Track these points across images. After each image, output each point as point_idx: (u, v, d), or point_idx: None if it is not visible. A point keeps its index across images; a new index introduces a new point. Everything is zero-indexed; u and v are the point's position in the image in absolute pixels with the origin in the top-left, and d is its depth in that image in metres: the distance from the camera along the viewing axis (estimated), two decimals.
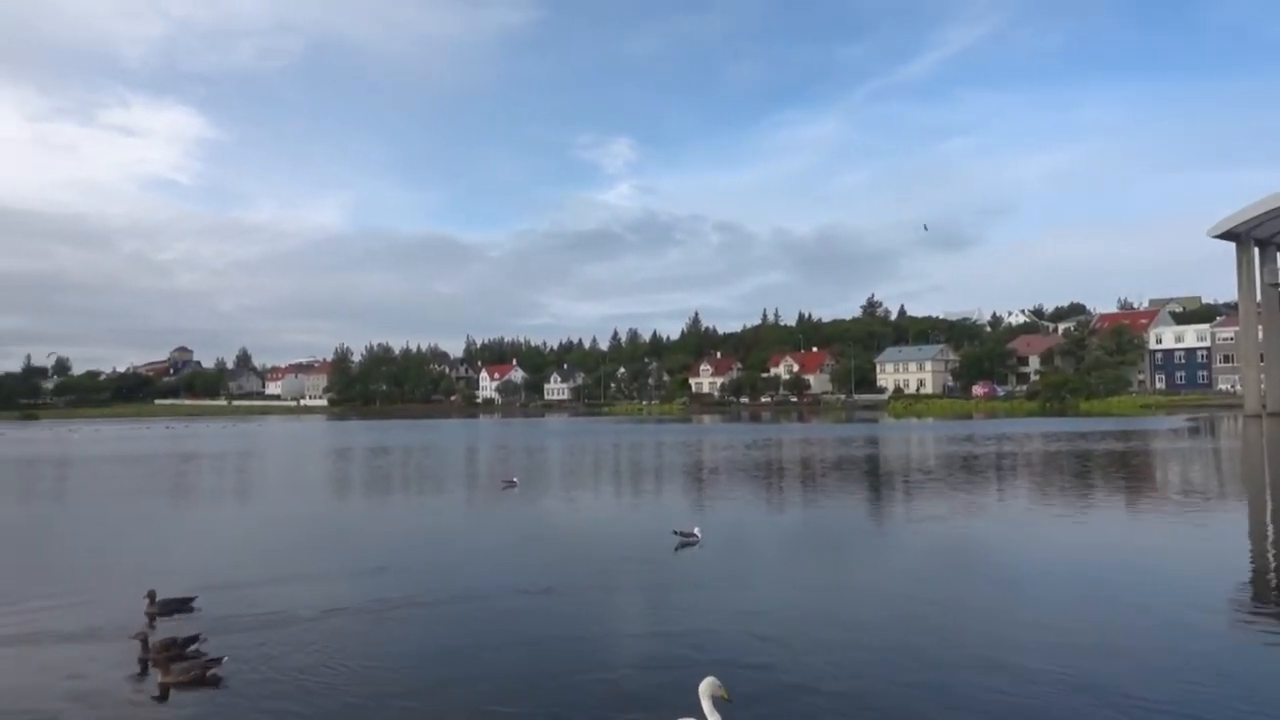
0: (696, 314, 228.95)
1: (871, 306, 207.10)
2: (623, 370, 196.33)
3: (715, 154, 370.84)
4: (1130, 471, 36.01)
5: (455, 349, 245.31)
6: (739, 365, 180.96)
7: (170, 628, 12.11)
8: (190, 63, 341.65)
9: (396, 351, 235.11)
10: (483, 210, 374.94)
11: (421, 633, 13.21)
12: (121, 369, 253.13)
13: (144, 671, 10.94)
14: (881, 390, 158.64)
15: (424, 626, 13.55)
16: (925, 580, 16.21)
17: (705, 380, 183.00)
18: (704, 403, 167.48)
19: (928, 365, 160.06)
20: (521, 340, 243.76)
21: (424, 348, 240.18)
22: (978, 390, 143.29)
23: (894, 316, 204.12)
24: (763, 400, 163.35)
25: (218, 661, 10.73)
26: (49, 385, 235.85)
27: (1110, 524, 22.84)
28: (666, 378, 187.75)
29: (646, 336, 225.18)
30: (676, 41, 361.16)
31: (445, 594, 15.56)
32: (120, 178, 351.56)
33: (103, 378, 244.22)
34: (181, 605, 14.09)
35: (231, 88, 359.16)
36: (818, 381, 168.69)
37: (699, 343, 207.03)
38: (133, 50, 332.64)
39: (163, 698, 10.13)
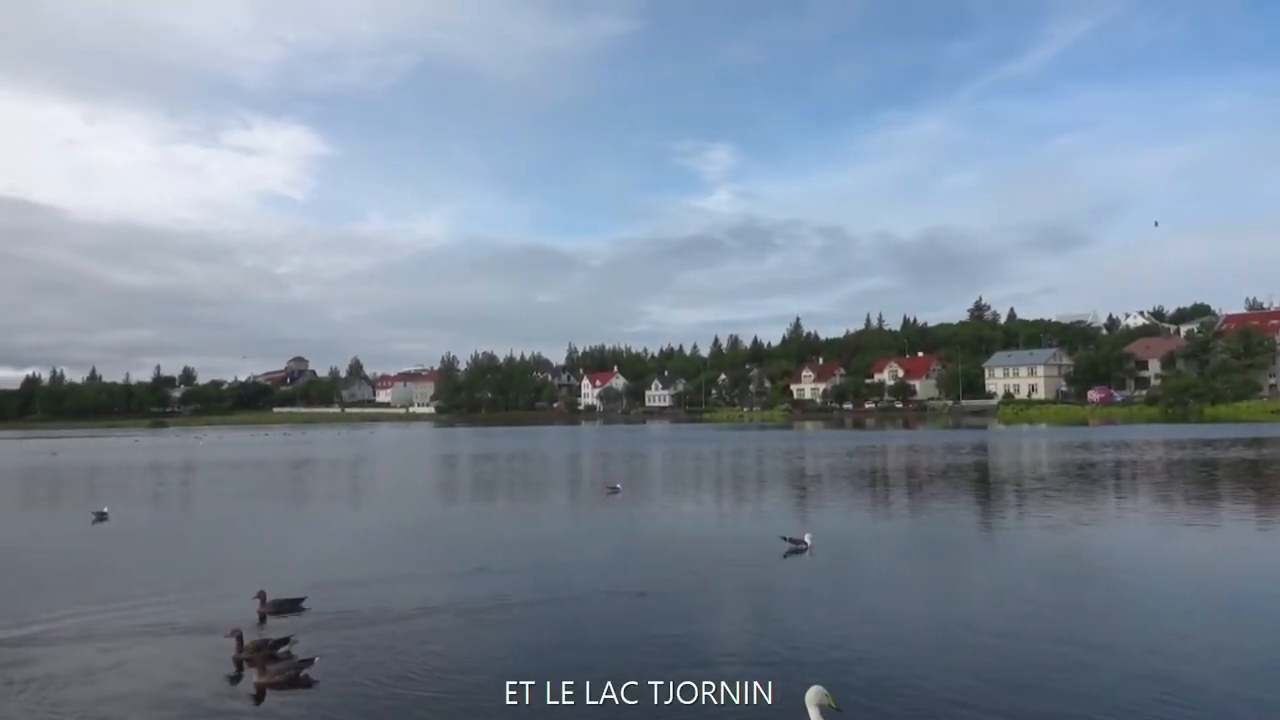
0: (798, 320, 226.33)
1: (979, 310, 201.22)
2: (723, 377, 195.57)
3: (816, 158, 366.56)
4: (1263, 480, 34.09)
5: (557, 357, 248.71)
6: (842, 371, 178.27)
7: (267, 628, 12.58)
8: (305, 83, 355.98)
9: (500, 360, 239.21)
10: (583, 219, 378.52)
11: (515, 633, 13.47)
12: (243, 378, 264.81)
13: (239, 670, 11.40)
14: (990, 396, 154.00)
15: (519, 627, 13.82)
16: (1040, 590, 15.68)
17: (807, 386, 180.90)
18: (806, 409, 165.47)
19: (1039, 370, 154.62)
20: (622, 347, 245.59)
21: (527, 356, 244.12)
22: (1093, 396, 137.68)
23: (1003, 320, 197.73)
24: (866, 406, 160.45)
25: (310, 663, 11.08)
26: (176, 394, 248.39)
27: (1241, 534, 21.70)
28: (768, 384, 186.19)
29: (747, 343, 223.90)
30: (776, 45, 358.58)
31: (543, 595, 15.82)
32: (241, 195, 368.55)
33: (225, 387, 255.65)
34: (292, 605, 14.64)
35: (344, 106, 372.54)
36: (923, 387, 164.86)
37: (800, 348, 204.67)
38: (252, 74, 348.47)
39: (259, 697, 10.54)
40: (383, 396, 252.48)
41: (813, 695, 8.29)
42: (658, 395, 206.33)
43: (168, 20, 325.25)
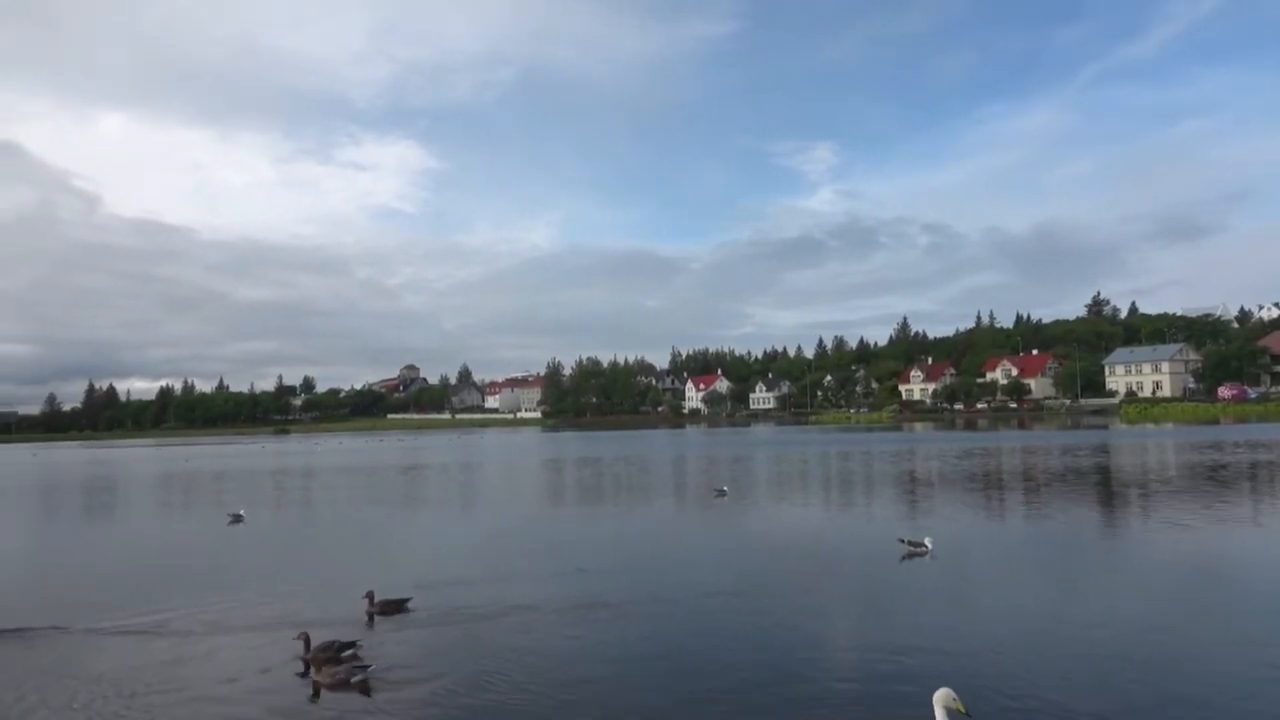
0: (905, 319, 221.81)
1: (1097, 305, 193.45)
2: (829, 378, 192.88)
3: (921, 154, 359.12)
4: None
5: (661, 360, 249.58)
6: (951, 371, 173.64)
7: (331, 633, 12.97)
8: (414, 99, 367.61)
9: (605, 364, 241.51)
10: (685, 223, 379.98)
11: (608, 632, 13.64)
12: (358, 386, 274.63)
13: (306, 670, 11.86)
14: (1111, 394, 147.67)
15: (612, 626, 13.99)
16: (1168, 596, 15.00)
17: (916, 387, 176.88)
18: (915, 410, 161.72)
19: (1164, 366, 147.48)
20: (726, 350, 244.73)
21: (631, 360, 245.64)
22: (1224, 393, 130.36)
23: (1123, 315, 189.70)
24: (978, 407, 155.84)
25: (365, 669, 11.48)
26: (297, 402, 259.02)
27: None
28: (875, 385, 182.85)
29: (853, 343, 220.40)
30: (877, 42, 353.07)
31: (643, 596, 15.96)
32: (354, 210, 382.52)
33: (342, 394, 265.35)
34: (398, 606, 15.06)
35: (450, 120, 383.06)
36: (1039, 386, 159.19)
37: (908, 348, 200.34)
38: (364, 92, 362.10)
39: (315, 696, 11.03)
40: (491, 402, 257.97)
41: (941, 697, 8.13)
42: (762, 398, 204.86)
43: (287, 45, 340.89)
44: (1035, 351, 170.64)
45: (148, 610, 15.86)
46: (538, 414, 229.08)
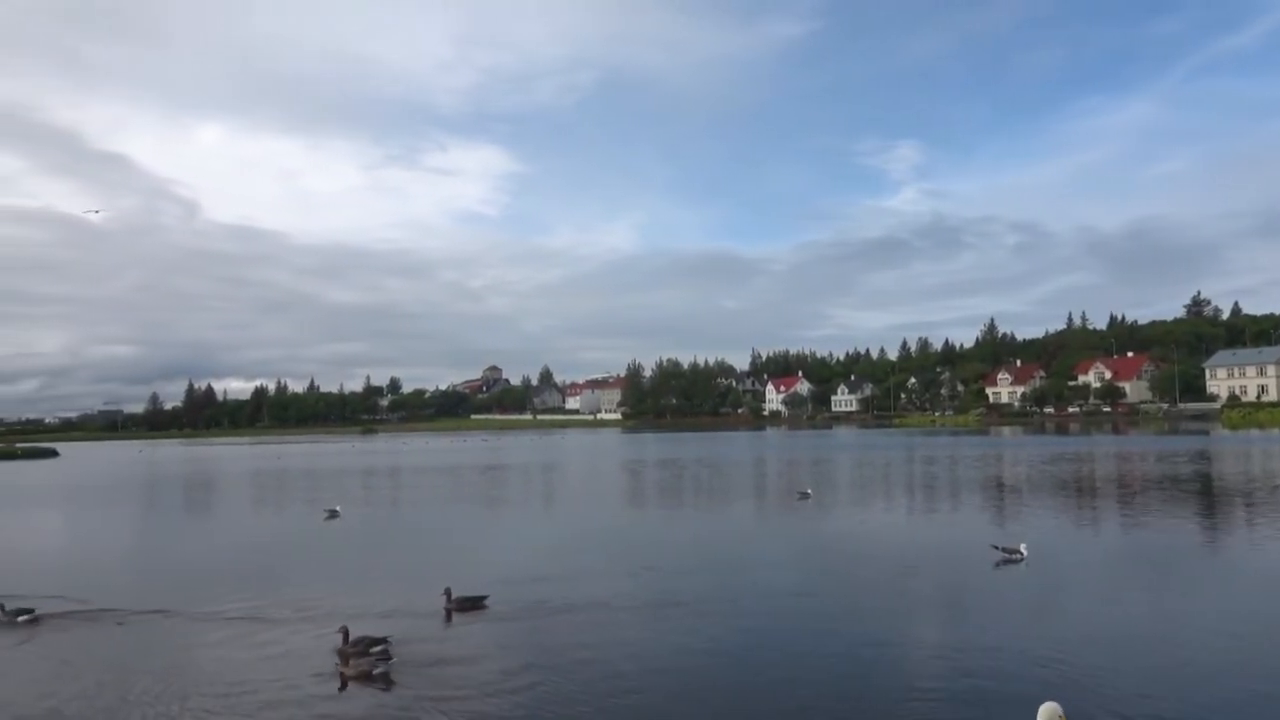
0: (992, 320, 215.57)
1: (1197, 305, 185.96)
2: (913, 380, 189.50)
3: (1009, 151, 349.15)
4: None
5: (741, 362, 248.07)
6: (1041, 373, 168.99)
7: (367, 628, 13.36)
8: (497, 105, 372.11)
9: (685, 366, 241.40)
10: (765, 224, 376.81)
11: (682, 631, 13.80)
12: (443, 387, 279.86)
13: (341, 661, 12.35)
14: (1212, 398, 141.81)
15: (686, 625, 14.14)
16: (1277, 610, 14.50)
17: (1004, 390, 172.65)
18: (1002, 413, 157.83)
19: (1270, 369, 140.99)
20: (807, 352, 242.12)
21: (711, 362, 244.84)
22: None
23: (1225, 316, 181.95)
24: (1069, 410, 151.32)
25: (386, 661, 12.02)
26: (384, 403, 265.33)
27: None
28: (961, 388, 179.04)
29: (938, 345, 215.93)
30: (963, 37, 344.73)
31: (721, 595, 16.06)
32: (439, 214, 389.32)
33: (427, 395, 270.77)
34: (475, 602, 15.48)
35: (532, 124, 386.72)
36: (1134, 389, 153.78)
37: (995, 350, 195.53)
38: (449, 99, 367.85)
39: (342, 687, 11.52)
40: (572, 403, 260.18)
41: (1046, 712, 7.89)
42: (844, 400, 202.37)
43: (376, 54, 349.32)
44: (1130, 354, 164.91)
45: (245, 598, 16.80)
46: (617, 415, 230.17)
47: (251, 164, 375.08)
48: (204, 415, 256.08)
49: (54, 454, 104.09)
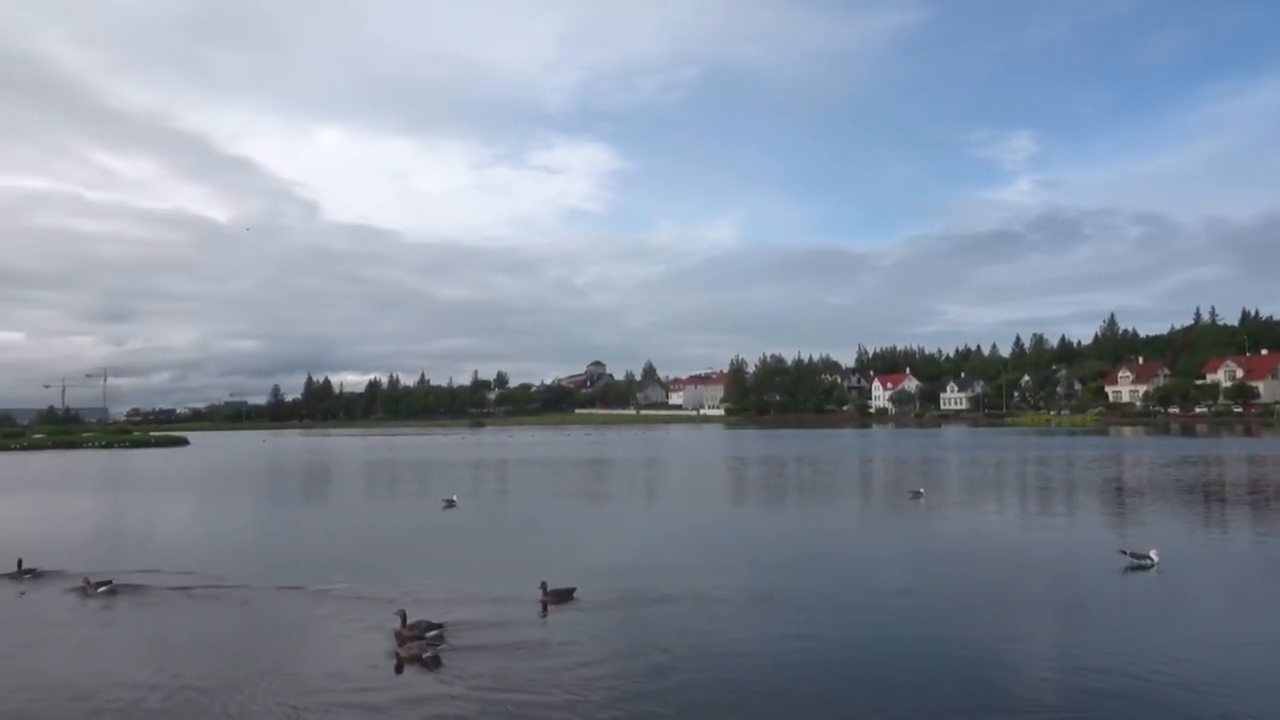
0: (1112, 315, 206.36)
1: None
2: (1027, 378, 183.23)
3: (1129, 140, 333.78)
4: None
5: (846, 359, 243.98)
6: (1165, 371, 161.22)
7: (423, 613, 13.88)
8: (601, 103, 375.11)
9: (789, 362, 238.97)
10: (872, 218, 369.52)
11: (768, 625, 13.87)
12: (548, 381, 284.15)
13: (400, 643, 12.88)
14: None
15: (775, 619, 14.22)
16: None
17: (1124, 388, 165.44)
18: (1123, 413, 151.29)
19: None
20: (915, 348, 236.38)
21: (815, 358, 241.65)
22: None
23: None
24: (1196, 411, 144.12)
25: (435, 645, 12.56)
26: (492, 396, 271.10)
27: None
28: (1078, 386, 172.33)
29: (1053, 341, 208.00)
30: (1081, 21, 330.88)
31: (829, 592, 15.98)
32: (545, 211, 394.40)
33: (533, 389, 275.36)
34: (566, 595, 15.80)
35: (636, 121, 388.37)
36: (1268, 389, 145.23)
37: (1115, 347, 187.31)
38: (555, 98, 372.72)
39: (398, 668, 12.05)
40: (674, 399, 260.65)
41: None
42: (953, 398, 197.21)
43: (484, 56, 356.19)
44: (1265, 351, 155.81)
45: (360, 579, 17.74)
46: (720, 411, 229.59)
47: (367, 165, 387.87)
48: (321, 407, 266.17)
49: (185, 442, 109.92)
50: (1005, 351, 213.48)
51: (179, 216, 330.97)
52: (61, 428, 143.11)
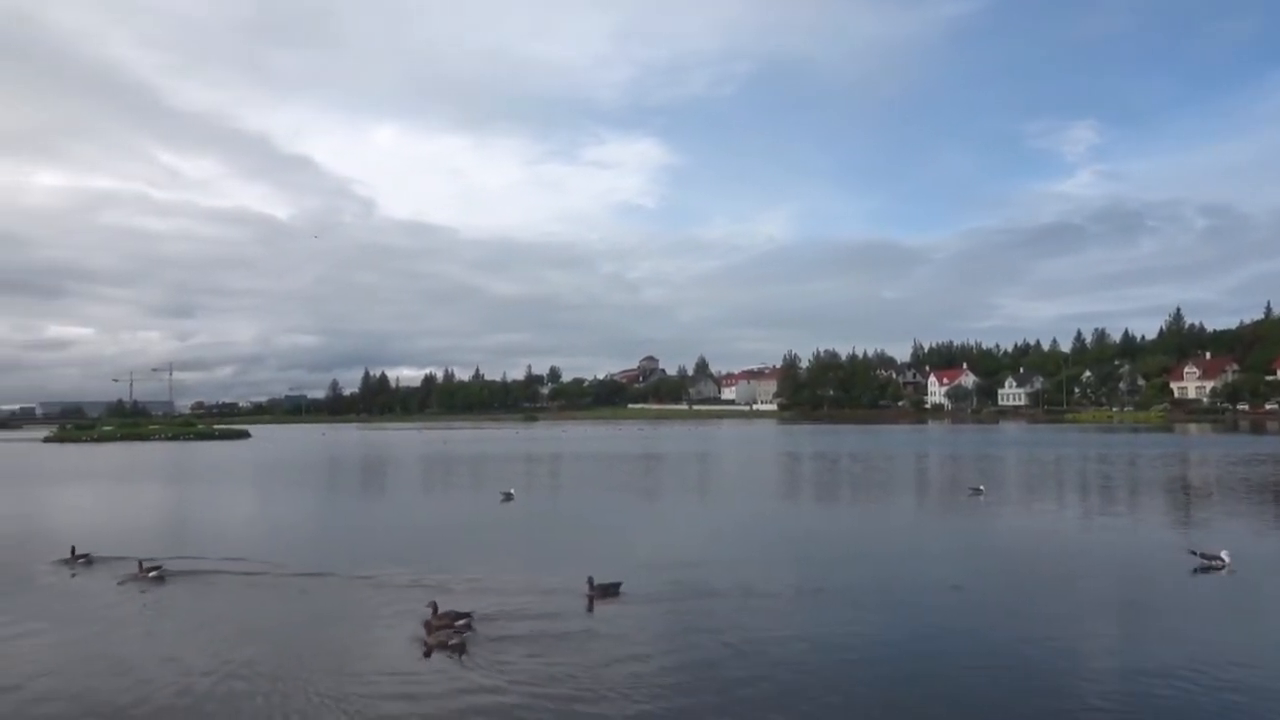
0: (1178, 310, 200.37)
1: None
2: (1088, 374, 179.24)
3: (1196, 129, 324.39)
4: None
5: (901, 353, 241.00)
6: (1234, 367, 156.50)
7: (452, 603, 14.19)
8: (653, 98, 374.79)
9: (843, 357, 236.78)
10: (927, 211, 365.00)
11: (817, 618, 13.79)
12: (600, 376, 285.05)
13: (430, 632, 13.06)
14: None
15: (824, 613, 14.15)
16: None
17: (1190, 384, 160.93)
18: (1189, 410, 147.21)
19: None
20: (972, 343, 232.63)
21: (870, 353, 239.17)
22: None
23: None
24: (1267, 408, 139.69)
25: (461, 633, 12.83)
26: (545, 391, 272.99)
27: None
28: (1141, 382, 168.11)
29: (1116, 336, 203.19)
30: (1144, 8, 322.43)
31: (876, 586, 15.89)
32: (598, 207, 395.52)
33: (586, 384, 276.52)
34: (613, 590, 15.80)
35: (688, 116, 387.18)
36: None
37: (1181, 342, 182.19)
38: (607, 94, 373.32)
39: (427, 654, 12.32)
40: (727, 394, 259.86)
41: None
42: (1011, 394, 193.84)
43: (537, 53, 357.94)
44: None
45: (417, 569, 18.03)
46: (773, 406, 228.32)
47: (423, 162, 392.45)
48: (378, 401, 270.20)
49: (246, 435, 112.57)
50: (1065, 346, 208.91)
51: (240, 214, 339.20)
52: (129, 420, 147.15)
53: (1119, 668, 11.34)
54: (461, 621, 13.14)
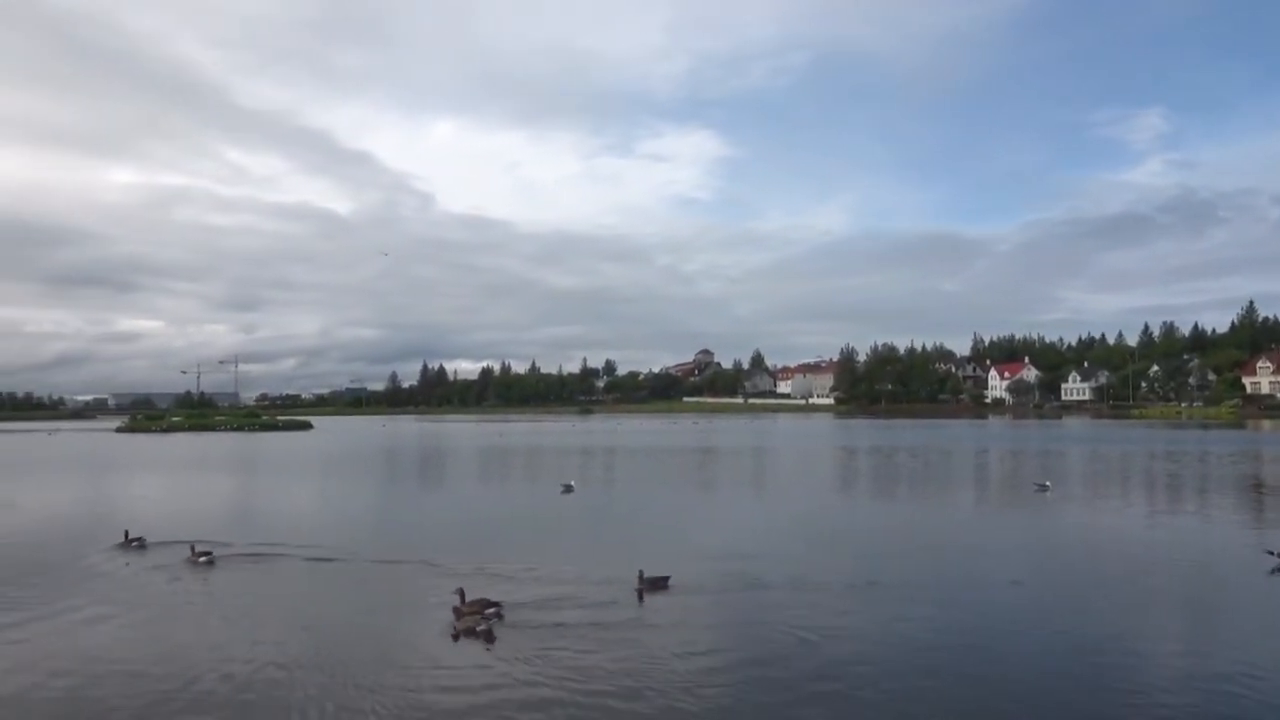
0: (1251, 303, 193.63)
1: None
2: (1156, 368, 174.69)
3: (1271, 116, 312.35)
4: None
5: (961, 347, 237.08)
6: None
7: (480, 589, 14.45)
8: (709, 90, 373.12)
9: (901, 351, 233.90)
10: (989, 202, 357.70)
11: (853, 612, 13.70)
12: (656, 369, 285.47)
13: (459, 618, 13.24)
14: None
15: (877, 607, 14.02)
16: None
17: (1264, 379, 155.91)
18: (1262, 405, 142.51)
19: None
20: (1034, 337, 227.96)
21: (929, 347, 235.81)
22: None
23: None
24: None
25: (489, 620, 13.06)
26: (600, 384, 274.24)
27: None
28: (1212, 377, 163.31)
29: (1185, 330, 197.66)
30: None
31: (933, 581, 15.73)
32: (653, 200, 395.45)
33: (641, 377, 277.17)
34: (661, 583, 15.82)
35: (745, 108, 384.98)
36: None
37: (1254, 336, 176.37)
38: (663, 86, 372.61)
39: (455, 639, 12.63)
40: (783, 388, 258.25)
41: None
42: (1075, 389, 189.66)
43: (594, 46, 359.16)
44: None
45: (476, 557, 18.36)
46: (830, 400, 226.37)
47: (480, 157, 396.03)
48: (436, 393, 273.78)
49: (309, 426, 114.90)
50: (1132, 340, 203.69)
51: (303, 210, 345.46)
52: (196, 411, 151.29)
53: (1187, 670, 11.06)
54: (491, 610, 13.30)
